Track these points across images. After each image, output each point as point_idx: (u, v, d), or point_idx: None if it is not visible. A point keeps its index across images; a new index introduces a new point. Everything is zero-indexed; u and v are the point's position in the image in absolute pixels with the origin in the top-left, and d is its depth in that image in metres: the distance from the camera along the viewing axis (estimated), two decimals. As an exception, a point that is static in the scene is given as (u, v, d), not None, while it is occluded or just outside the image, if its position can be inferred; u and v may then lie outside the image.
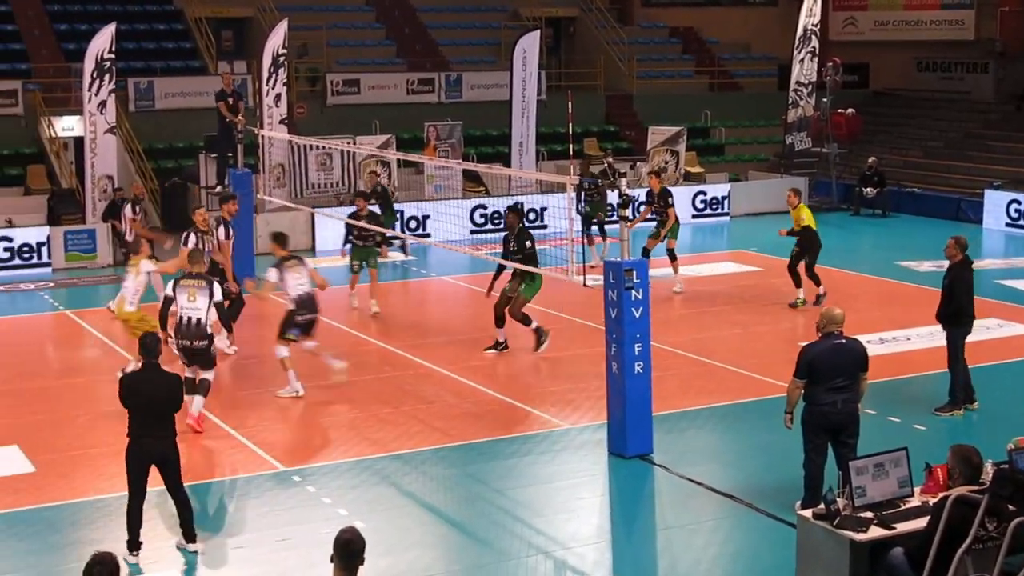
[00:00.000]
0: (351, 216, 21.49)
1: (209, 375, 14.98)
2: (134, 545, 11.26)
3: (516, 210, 18.58)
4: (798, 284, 21.01)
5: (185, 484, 12.09)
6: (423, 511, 12.91)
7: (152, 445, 11.13)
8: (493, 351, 18.41)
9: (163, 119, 32.08)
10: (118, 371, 16.26)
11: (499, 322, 18.39)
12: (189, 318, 14.74)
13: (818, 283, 20.99)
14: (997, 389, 16.84)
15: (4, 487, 13.24)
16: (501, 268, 18.60)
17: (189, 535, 11.49)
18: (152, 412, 11.12)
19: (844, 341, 11.79)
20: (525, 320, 18.21)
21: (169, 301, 15.08)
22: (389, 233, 22.09)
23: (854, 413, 11.79)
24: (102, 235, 26.45)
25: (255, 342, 20.08)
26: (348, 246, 21.27)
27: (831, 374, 11.61)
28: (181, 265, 15.98)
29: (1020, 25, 40.20)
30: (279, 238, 16.87)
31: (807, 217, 21.15)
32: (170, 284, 15.11)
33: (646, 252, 22.48)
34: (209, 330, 14.84)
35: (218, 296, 14.91)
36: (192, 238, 17.99)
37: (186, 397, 12.92)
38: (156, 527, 12.01)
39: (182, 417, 13.19)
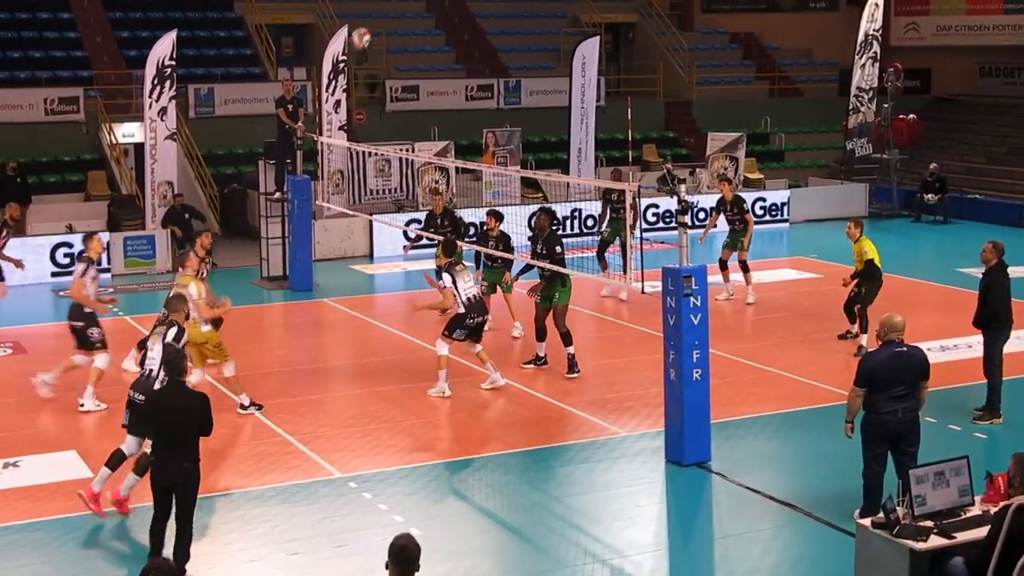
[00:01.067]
0: (480, 236, 20.82)
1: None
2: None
3: (548, 211, 18.28)
4: (853, 320, 19.24)
5: (240, 490, 12.19)
6: (480, 518, 12.91)
7: (173, 468, 10.74)
8: (532, 366, 18.02)
9: (223, 125, 32.33)
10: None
11: (540, 335, 17.94)
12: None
13: (864, 326, 18.64)
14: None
15: (60, 491, 13.34)
16: (527, 267, 18.55)
17: (181, 559, 10.88)
18: (174, 433, 10.75)
19: (905, 349, 11.71)
20: (567, 339, 17.49)
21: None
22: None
23: (915, 422, 11.68)
24: (161, 241, 26.66)
25: (307, 349, 20.21)
26: (481, 268, 20.20)
27: (891, 383, 11.52)
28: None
29: (1085, 29, 39.74)
30: (447, 246, 17.19)
31: (870, 250, 18.82)
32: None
33: (723, 264, 22.38)
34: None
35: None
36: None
37: None
38: (221, 533, 12.09)
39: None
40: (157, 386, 12.14)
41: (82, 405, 16.11)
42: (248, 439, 14.99)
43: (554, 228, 18.42)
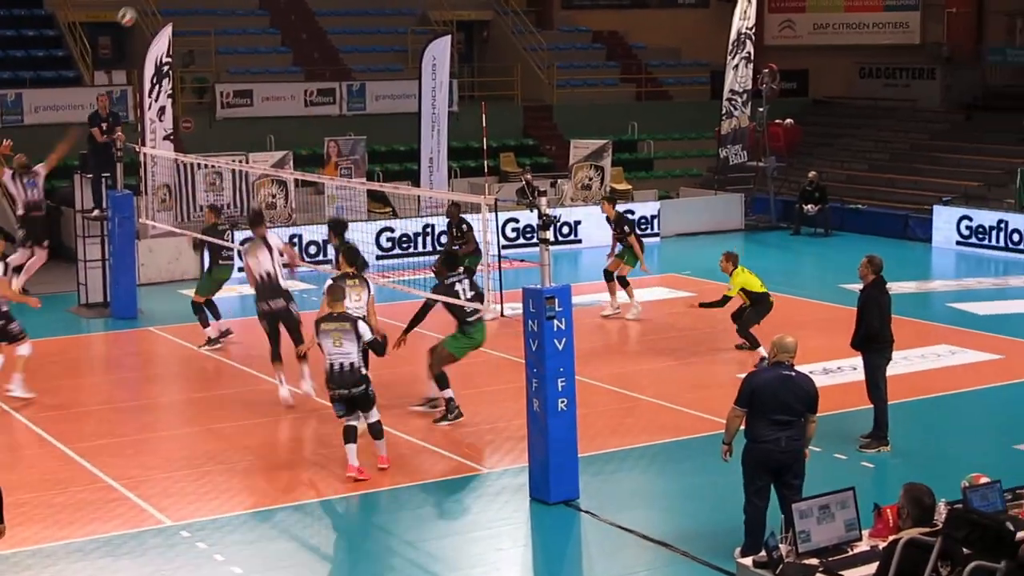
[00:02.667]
0: None
1: (373, 416, 14.92)
2: None
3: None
4: (755, 345, 19.80)
5: (58, 542, 11.98)
6: (327, 567, 12.84)
7: None
8: (421, 408, 17.49)
9: (33, 135, 31.65)
10: None
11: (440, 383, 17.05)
12: (340, 364, 14.52)
13: (754, 342, 19.78)
14: (952, 421, 17.08)
15: None
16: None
17: None
18: None
19: (793, 374, 11.84)
20: (441, 381, 16.92)
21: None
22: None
23: (799, 452, 11.82)
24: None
25: (132, 383, 19.96)
26: None
27: (775, 407, 11.64)
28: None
29: (968, 28, 40.94)
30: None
31: (748, 283, 19.86)
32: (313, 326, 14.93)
33: (607, 275, 23.01)
34: (364, 372, 14.70)
35: (366, 335, 14.65)
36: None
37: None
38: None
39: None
40: None
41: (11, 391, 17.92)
42: (66, 485, 14.70)
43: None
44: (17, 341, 18.15)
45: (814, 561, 9.68)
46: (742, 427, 11.90)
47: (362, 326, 14.65)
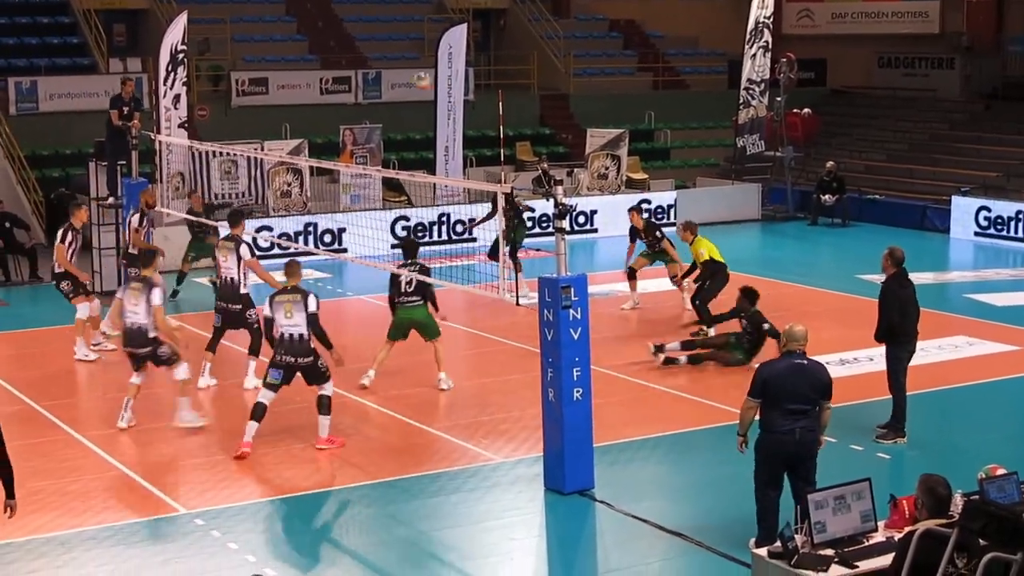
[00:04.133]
0: None
1: (327, 389, 15.45)
2: None
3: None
4: (711, 324, 20.23)
5: (72, 530, 12.04)
6: (341, 556, 12.85)
7: None
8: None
9: (48, 123, 31.83)
10: None
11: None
12: (291, 335, 15.21)
13: (707, 322, 20.25)
14: (969, 412, 17.05)
15: None
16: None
17: None
18: None
19: (806, 362, 11.84)
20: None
21: (270, 321, 15.51)
22: None
23: (813, 444, 11.82)
24: (-19, 251, 26.17)
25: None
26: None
27: (789, 397, 11.64)
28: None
29: (988, 17, 40.80)
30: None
31: (707, 250, 20.76)
32: (266, 302, 15.61)
33: (631, 272, 23.02)
34: (312, 344, 15.34)
35: (313, 308, 15.30)
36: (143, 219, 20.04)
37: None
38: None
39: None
40: None
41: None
42: (81, 473, 14.76)
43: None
44: (171, 365, 16.38)
45: (829, 552, 9.70)
46: (757, 417, 11.91)
47: (312, 300, 15.28)
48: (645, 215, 24.39)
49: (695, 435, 16.03)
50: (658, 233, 22.91)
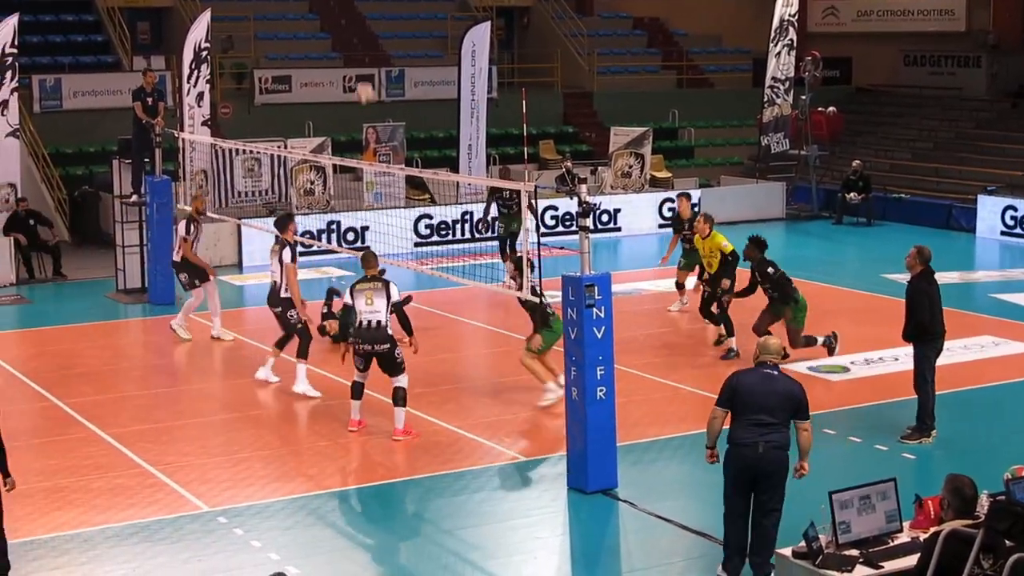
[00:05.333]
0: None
1: (402, 381, 15.76)
2: None
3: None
4: (717, 322, 19.98)
5: (95, 527, 12.07)
6: (364, 554, 12.88)
7: None
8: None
9: (72, 120, 31.93)
10: None
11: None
12: (369, 322, 15.57)
13: (728, 328, 19.71)
14: (995, 412, 17.00)
15: None
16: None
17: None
18: None
19: (776, 374, 11.37)
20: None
21: (349, 308, 15.87)
22: None
23: (779, 462, 11.18)
24: (3, 250, 26.23)
25: (169, 369, 20.09)
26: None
27: (754, 407, 11.15)
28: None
29: (1015, 15, 40.63)
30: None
31: (727, 243, 19.96)
32: (347, 290, 16.02)
33: (680, 287, 22.52)
34: (390, 332, 15.70)
35: (395, 296, 15.76)
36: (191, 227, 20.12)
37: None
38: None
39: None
40: None
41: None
42: (105, 470, 14.81)
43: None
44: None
45: (854, 552, 9.70)
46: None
47: (393, 288, 15.69)
48: (696, 207, 23.98)
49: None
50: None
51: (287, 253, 17.75)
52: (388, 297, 15.62)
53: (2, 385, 18.54)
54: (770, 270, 18.78)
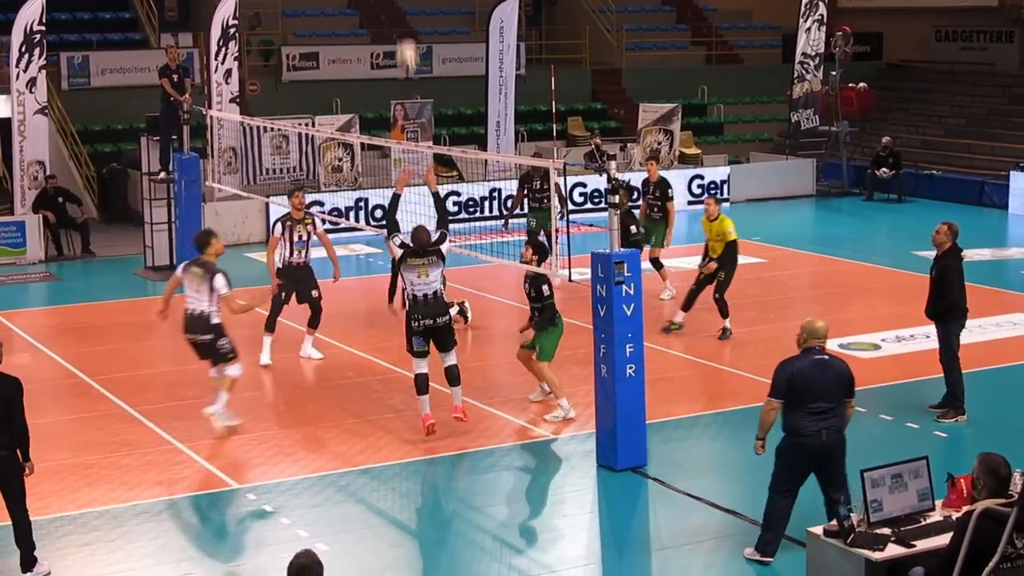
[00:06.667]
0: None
1: (453, 358, 14.99)
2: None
3: (627, 188, 18.10)
4: (726, 314, 19.54)
5: (125, 504, 12.13)
6: (393, 531, 12.90)
7: None
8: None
9: (100, 98, 32.01)
10: None
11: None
12: (426, 295, 14.88)
13: (725, 311, 19.44)
14: (1026, 391, 16.94)
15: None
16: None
17: (27, 563, 11.38)
18: None
19: (827, 358, 11.37)
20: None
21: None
22: None
23: (841, 444, 11.37)
24: (32, 228, 26.34)
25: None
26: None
27: (812, 395, 11.16)
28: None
29: (1048, -11, 40.33)
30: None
31: (733, 230, 19.36)
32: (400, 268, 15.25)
33: (657, 263, 21.95)
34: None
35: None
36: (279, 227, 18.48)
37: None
38: (104, 552, 12.01)
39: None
40: None
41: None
42: (133, 447, 14.87)
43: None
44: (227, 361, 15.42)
45: (886, 531, 9.66)
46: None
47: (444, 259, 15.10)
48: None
49: (748, 412, 15.91)
50: (670, 192, 22.16)
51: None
52: (443, 262, 15.09)
53: (31, 362, 18.61)
54: (632, 228, 18.01)
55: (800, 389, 11.18)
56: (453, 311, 19.01)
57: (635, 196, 27.17)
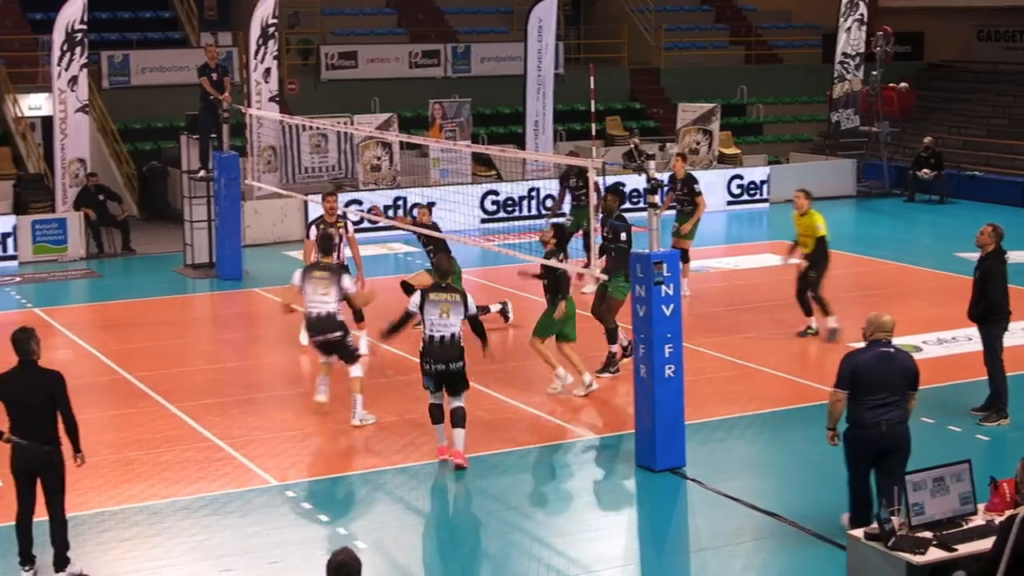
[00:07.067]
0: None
1: (463, 400, 14.17)
2: (27, 560, 11.47)
3: (617, 192, 18.05)
4: (809, 312, 19.41)
5: (165, 500, 12.17)
6: (431, 530, 12.93)
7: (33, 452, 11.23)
8: (607, 374, 17.42)
9: (140, 96, 32.15)
10: None
11: (610, 336, 17.39)
12: (443, 336, 13.89)
13: (825, 310, 19.14)
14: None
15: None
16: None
17: (59, 562, 11.42)
18: (26, 414, 11.21)
19: (892, 351, 11.57)
20: (612, 336, 17.26)
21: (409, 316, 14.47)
22: None
23: (904, 436, 11.52)
24: (73, 225, 26.48)
25: (237, 344, 20.21)
26: None
27: (876, 387, 11.35)
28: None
29: (1092, -11, 40.06)
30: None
31: (823, 225, 19.07)
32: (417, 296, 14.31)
33: (683, 255, 21.93)
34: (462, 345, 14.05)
35: (472, 309, 14.12)
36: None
37: None
38: (144, 548, 12.08)
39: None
40: None
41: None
42: (173, 444, 14.94)
43: (619, 214, 17.77)
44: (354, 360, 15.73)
45: (927, 534, 9.62)
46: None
47: (470, 300, 14.09)
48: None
49: (788, 413, 15.94)
50: (697, 187, 22.10)
51: (347, 280, 15.86)
52: (465, 310, 13.96)
53: (72, 358, 18.71)
54: (623, 236, 17.23)
55: (864, 381, 11.38)
56: (495, 309, 19.08)
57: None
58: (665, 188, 23.11)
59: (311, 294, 15.52)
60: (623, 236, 17.07)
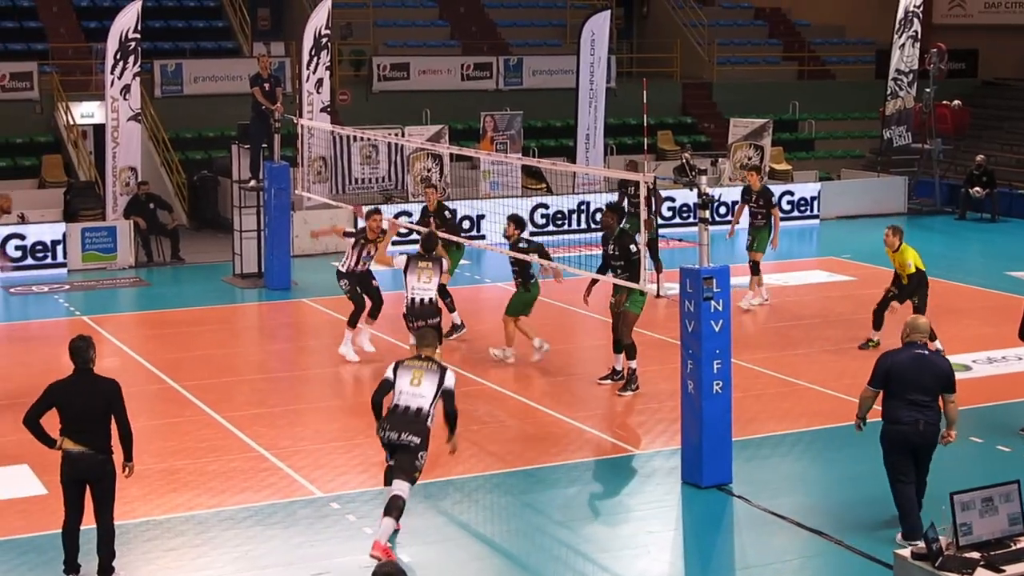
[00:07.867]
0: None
1: (405, 490, 12.34)
2: (72, 568, 11.50)
3: (615, 209, 18.09)
4: (879, 326, 19.39)
5: (210, 510, 12.17)
6: (476, 544, 12.90)
7: (85, 460, 11.28)
8: (608, 381, 17.75)
9: (192, 105, 32.34)
10: None
11: (616, 347, 17.65)
12: (408, 406, 12.35)
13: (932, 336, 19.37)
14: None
15: (12, 509, 13.35)
16: (594, 280, 17.99)
17: (104, 570, 11.48)
18: (80, 423, 11.25)
19: (927, 353, 11.98)
20: (631, 351, 17.33)
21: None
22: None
23: (935, 436, 11.94)
24: (123, 233, 26.65)
25: (284, 354, 20.27)
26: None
27: (910, 387, 11.80)
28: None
29: None
30: (426, 240, 17.86)
31: (915, 261, 18.93)
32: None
33: (755, 267, 22.25)
34: (430, 424, 12.49)
35: (450, 384, 12.49)
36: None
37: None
38: (189, 558, 12.12)
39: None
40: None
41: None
42: (220, 454, 14.99)
43: (623, 227, 17.78)
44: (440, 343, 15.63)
45: (975, 555, 9.55)
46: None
47: (449, 375, 12.46)
48: (764, 180, 23.65)
49: (836, 431, 15.84)
50: (774, 199, 22.54)
51: (444, 266, 17.90)
52: (440, 383, 12.34)
53: (120, 367, 18.79)
54: (633, 247, 16.97)
55: (898, 380, 11.84)
56: (537, 345, 18.90)
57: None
58: (716, 203, 23.18)
59: (414, 282, 16.88)
60: (633, 248, 16.99)
